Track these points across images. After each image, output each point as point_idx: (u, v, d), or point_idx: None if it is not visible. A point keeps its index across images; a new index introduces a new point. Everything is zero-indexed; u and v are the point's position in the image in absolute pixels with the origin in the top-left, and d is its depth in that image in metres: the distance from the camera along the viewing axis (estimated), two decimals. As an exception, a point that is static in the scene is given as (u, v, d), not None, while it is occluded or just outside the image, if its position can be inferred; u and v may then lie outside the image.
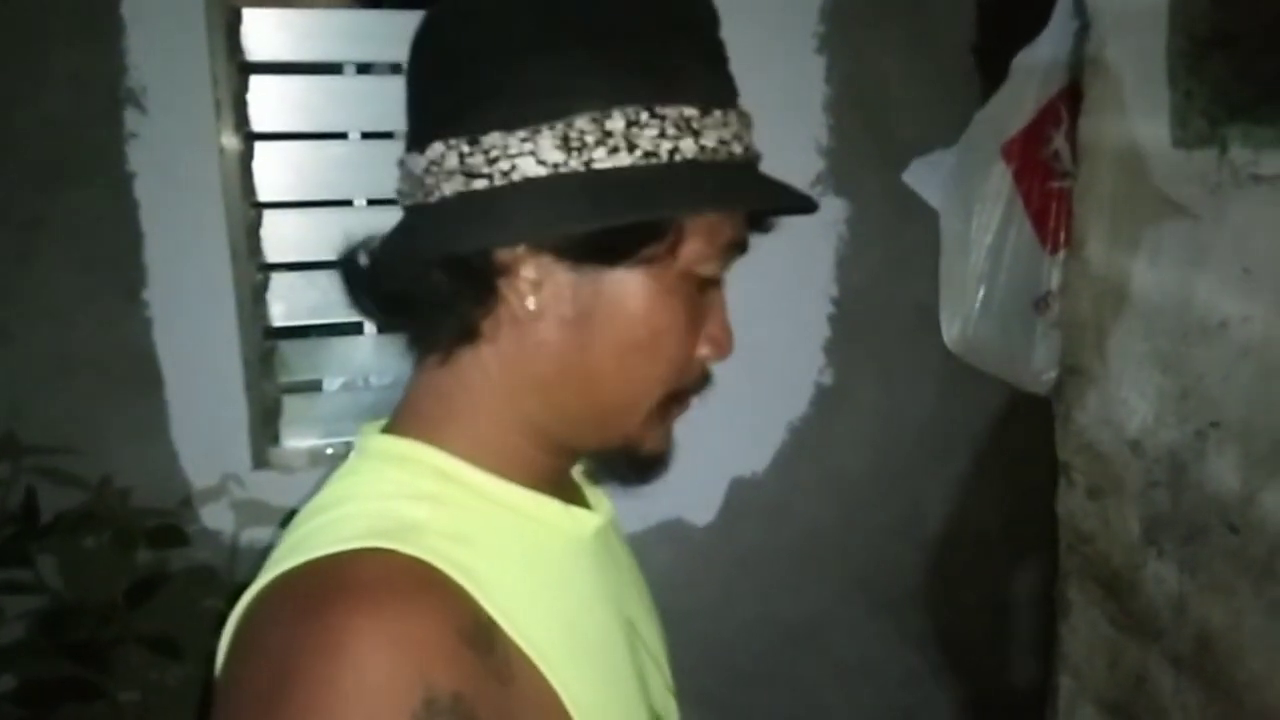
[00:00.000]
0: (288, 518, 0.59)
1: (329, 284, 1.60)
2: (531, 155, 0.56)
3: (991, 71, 1.56)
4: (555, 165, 0.56)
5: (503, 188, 0.57)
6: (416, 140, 0.61)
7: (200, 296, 1.49)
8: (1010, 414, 1.79)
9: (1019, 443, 1.78)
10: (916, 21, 1.72)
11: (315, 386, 1.72)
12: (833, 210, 1.74)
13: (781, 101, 1.65)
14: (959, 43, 1.72)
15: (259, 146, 1.53)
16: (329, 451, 1.63)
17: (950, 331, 1.56)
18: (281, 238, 1.56)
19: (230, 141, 1.48)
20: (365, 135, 1.65)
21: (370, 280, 0.65)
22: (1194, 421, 0.96)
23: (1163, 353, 0.99)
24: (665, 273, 0.60)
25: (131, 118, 1.43)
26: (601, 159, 0.56)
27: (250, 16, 1.49)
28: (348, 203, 1.64)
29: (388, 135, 1.65)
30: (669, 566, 1.75)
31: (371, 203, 1.63)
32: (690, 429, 0.70)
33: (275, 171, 1.55)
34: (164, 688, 1.52)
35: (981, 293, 1.51)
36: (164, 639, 1.42)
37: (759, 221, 0.67)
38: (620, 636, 0.67)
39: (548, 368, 0.62)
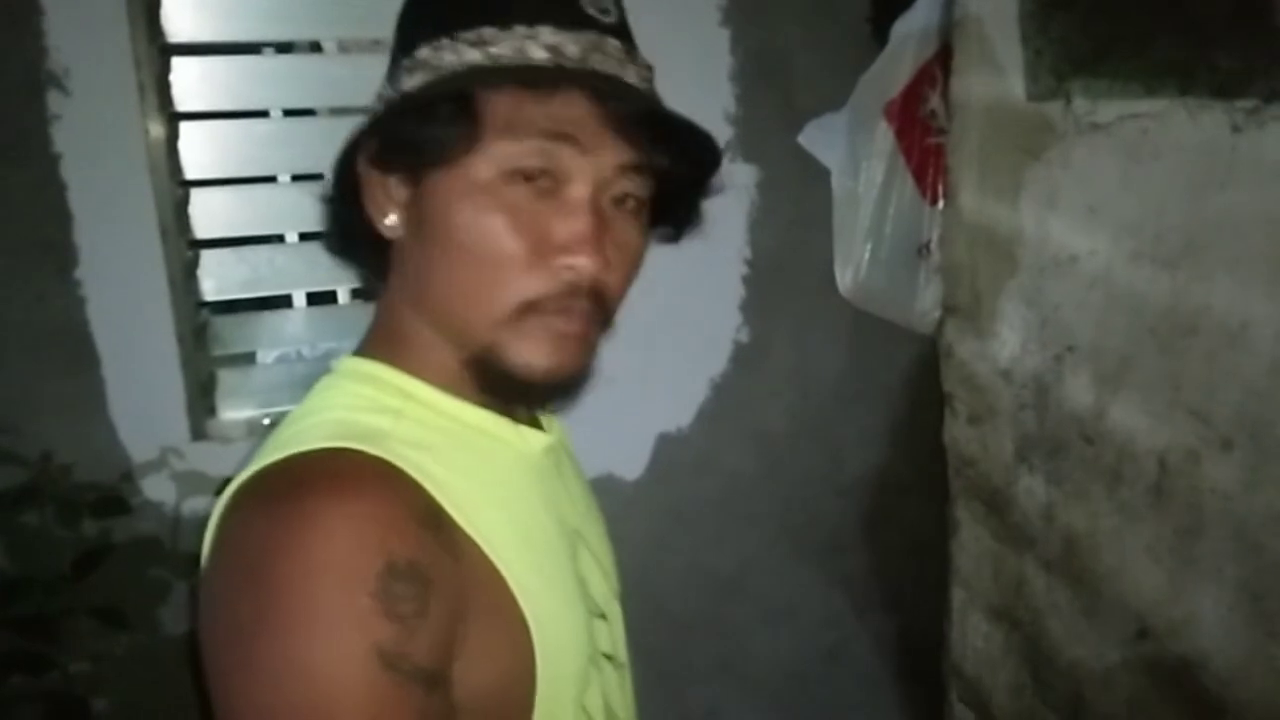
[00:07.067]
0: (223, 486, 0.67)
1: (259, 259, 1.64)
2: (379, 96, 0.69)
3: (884, 40, 1.65)
4: (382, 97, 0.68)
5: (368, 126, 0.69)
6: None
7: (132, 274, 1.52)
8: (916, 363, 1.90)
9: (925, 390, 1.89)
10: (814, -6, 1.82)
11: (249, 359, 1.76)
12: (743, 176, 1.82)
13: (691, 72, 1.73)
14: (855, 13, 1.81)
15: (183, 126, 1.57)
16: (266, 422, 1.67)
17: (844, 280, 1.66)
18: (210, 215, 1.59)
19: (155, 123, 1.52)
20: (287, 113, 1.69)
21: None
22: (1053, 347, 1.07)
23: (1026, 288, 1.10)
24: (477, 170, 0.65)
25: (55, 100, 1.45)
26: (409, 84, 0.66)
27: (170, -1, 1.52)
28: (274, 179, 1.67)
29: (309, 113, 1.70)
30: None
31: (296, 178, 1.67)
32: (618, 389, 0.78)
33: (201, 150, 1.58)
34: (113, 656, 1.56)
35: (870, 244, 1.61)
36: (112, 609, 1.46)
37: (633, 129, 0.68)
38: (562, 540, 0.75)
39: (422, 283, 0.69)
